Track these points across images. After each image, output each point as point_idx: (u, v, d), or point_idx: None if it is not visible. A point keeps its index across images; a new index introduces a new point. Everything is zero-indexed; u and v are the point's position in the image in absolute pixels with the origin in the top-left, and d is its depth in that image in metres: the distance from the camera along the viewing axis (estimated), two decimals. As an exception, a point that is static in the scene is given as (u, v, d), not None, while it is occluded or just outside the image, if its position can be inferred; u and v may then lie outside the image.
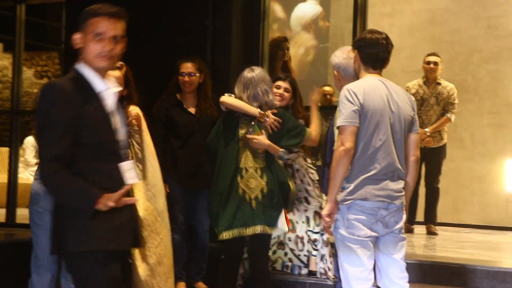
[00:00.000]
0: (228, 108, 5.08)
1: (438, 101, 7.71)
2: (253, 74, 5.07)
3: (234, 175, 4.94)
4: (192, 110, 5.82)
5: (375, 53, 4.18)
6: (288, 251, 5.71)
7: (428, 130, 7.59)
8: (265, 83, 5.07)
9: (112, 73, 4.57)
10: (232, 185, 4.93)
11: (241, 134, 5.01)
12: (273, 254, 5.72)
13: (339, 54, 4.63)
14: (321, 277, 5.56)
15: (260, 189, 4.93)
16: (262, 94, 5.02)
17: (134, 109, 4.74)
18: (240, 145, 5.00)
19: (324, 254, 5.56)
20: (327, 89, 8.25)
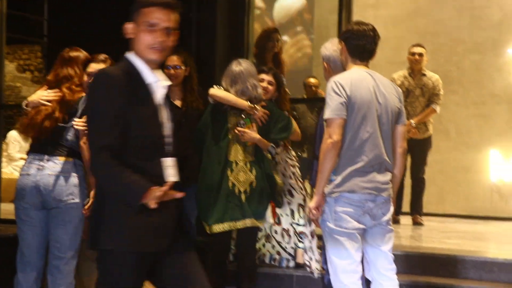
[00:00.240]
0: (216, 101, 5.05)
1: (423, 92, 7.72)
2: (241, 68, 5.03)
3: (224, 169, 4.92)
4: (178, 103, 5.77)
5: (363, 45, 4.17)
6: (275, 244, 5.70)
7: (414, 122, 7.59)
8: (254, 77, 5.04)
9: (97, 66, 4.56)
10: (222, 179, 4.91)
11: (230, 127, 4.99)
12: (263, 247, 5.71)
13: (329, 46, 4.60)
14: (306, 269, 5.55)
15: (249, 183, 4.91)
16: (251, 89, 5.00)
17: None
18: (230, 138, 4.98)
19: (310, 247, 5.55)
20: (313, 81, 8.25)
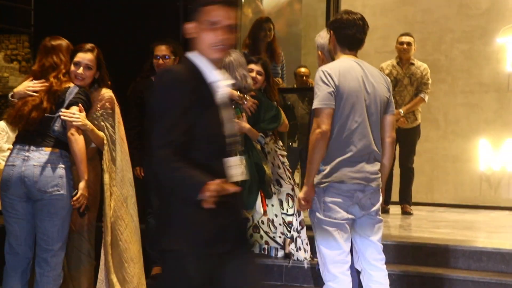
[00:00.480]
0: None
1: (412, 82, 7.71)
2: (231, 59, 5.02)
3: None
4: (166, 93, 5.74)
5: (352, 34, 4.14)
6: (263, 234, 5.69)
7: (402, 111, 7.59)
8: (243, 68, 5.03)
9: (84, 56, 4.52)
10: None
11: None
12: (250, 238, 5.70)
13: (324, 35, 4.56)
14: (292, 259, 5.53)
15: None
16: (241, 79, 4.99)
17: (107, 92, 4.67)
18: None
19: (299, 236, 5.53)
20: (303, 71, 8.20)
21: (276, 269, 5.65)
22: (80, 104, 4.39)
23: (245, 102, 4.94)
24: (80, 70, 4.53)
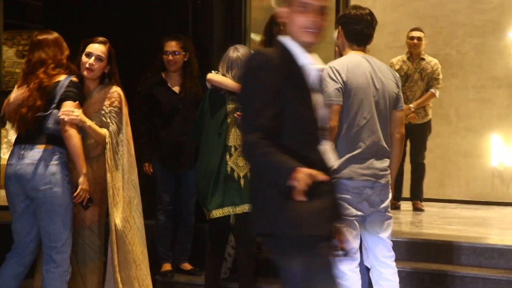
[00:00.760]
0: (214, 86, 5.02)
1: (422, 77, 7.66)
2: (239, 54, 4.99)
3: (223, 154, 4.89)
4: (176, 89, 5.73)
5: (360, 30, 4.12)
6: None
7: (413, 106, 7.54)
8: None
9: (96, 47, 4.54)
10: (221, 164, 4.88)
11: (229, 112, 4.95)
12: (259, 235, 5.67)
13: None
14: None
15: (250, 167, 4.87)
16: None
17: (117, 90, 4.65)
18: (228, 123, 4.93)
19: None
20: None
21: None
22: (78, 101, 4.35)
23: None
24: (91, 60, 4.53)
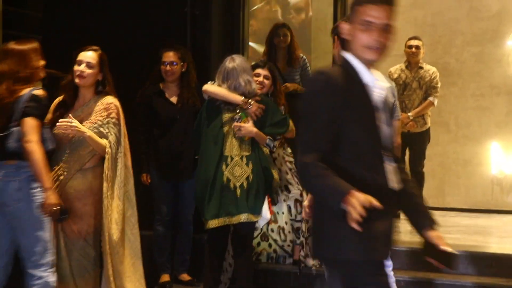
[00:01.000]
0: (210, 97, 5.02)
1: (421, 85, 7.66)
2: (234, 65, 4.99)
3: (219, 163, 4.89)
4: (174, 100, 5.74)
5: (356, 40, 4.11)
6: (272, 242, 5.65)
7: (411, 114, 7.54)
8: (247, 73, 5.00)
9: (86, 54, 4.56)
10: (218, 173, 4.88)
11: (224, 122, 4.95)
12: (258, 246, 5.66)
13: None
14: (302, 265, 5.50)
15: (246, 177, 4.87)
16: (244, 84, 4.95)
17: (114, 102, 4.65)
18: (224, 133, 4.93)
19: (307, 242, 5.50)
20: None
21: (284, 276, 5.61)
22: (37, 116, 4.23)
23: (250, 107, 4.90)
24: (81, 68, 4.54)
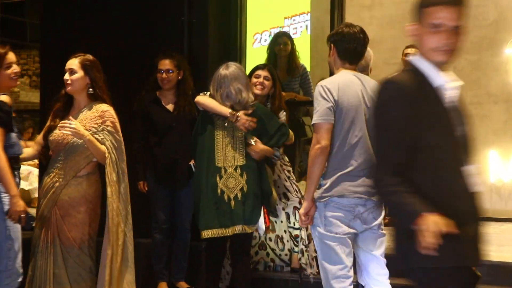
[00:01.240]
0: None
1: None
2: (227, 72, 4.98)
3: (213, 175, 4.89)
4: (170, 107, 5.74)
5: (353, 48, 4.14)
6: (270, 252, 5.64)
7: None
8: (239, 81, 4.98)
9: (70, 62, 4.64)
10: (211, 185, 4.88)
11: (217, 133, 4.95)
12: (256, 255, 5.66)
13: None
14: (302, 273, 5.50)
15: (240, 188, 4.86)
16: (235, 93, 4.94)
17: (109, 110, 4.66)
18: (216, 144, 4.94)
19: (307, 250, 5.49)
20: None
21: (282, 284, 5.60)
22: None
23: (238, 119, 4.89)
24: (66, 76, 4.62)
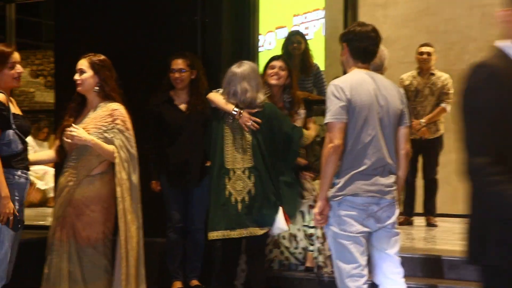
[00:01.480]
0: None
1: (433, 92, 7.63)
2: (238, 70, 4.99)
3: (222, 177, 4.90)
4: (183, 107, 5.72)
5: (365, 47, 4.13)
6: (284, 250, 5.62)
7: (423, 121, 7.52)
8: (247, 81, 4.96)
9: (79, 63, 4.66)
10: (220, 187, 4.89)
11: (225, 132, 4.96)
12: (270, 253, 5.65)
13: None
14: (319, 272, 5.48)
15: (247, 191, 4.86)
16: (241, 92, 4.94)
17: (120, 108, 4.66)
18: (225, 144, 4.94)
19: (322, 248, 5.47)
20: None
21: (297, 283, 5.59)
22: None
23: (240, 116, 4.90)
24: (76, 76, 4.64)
